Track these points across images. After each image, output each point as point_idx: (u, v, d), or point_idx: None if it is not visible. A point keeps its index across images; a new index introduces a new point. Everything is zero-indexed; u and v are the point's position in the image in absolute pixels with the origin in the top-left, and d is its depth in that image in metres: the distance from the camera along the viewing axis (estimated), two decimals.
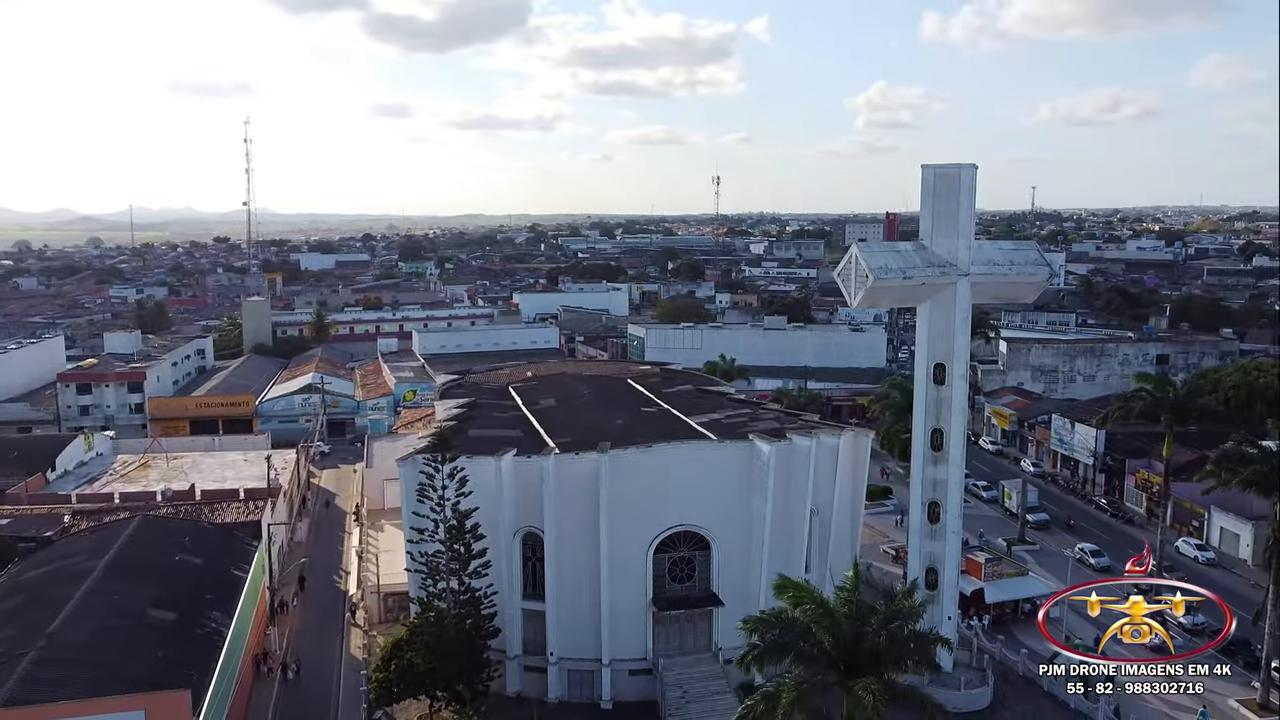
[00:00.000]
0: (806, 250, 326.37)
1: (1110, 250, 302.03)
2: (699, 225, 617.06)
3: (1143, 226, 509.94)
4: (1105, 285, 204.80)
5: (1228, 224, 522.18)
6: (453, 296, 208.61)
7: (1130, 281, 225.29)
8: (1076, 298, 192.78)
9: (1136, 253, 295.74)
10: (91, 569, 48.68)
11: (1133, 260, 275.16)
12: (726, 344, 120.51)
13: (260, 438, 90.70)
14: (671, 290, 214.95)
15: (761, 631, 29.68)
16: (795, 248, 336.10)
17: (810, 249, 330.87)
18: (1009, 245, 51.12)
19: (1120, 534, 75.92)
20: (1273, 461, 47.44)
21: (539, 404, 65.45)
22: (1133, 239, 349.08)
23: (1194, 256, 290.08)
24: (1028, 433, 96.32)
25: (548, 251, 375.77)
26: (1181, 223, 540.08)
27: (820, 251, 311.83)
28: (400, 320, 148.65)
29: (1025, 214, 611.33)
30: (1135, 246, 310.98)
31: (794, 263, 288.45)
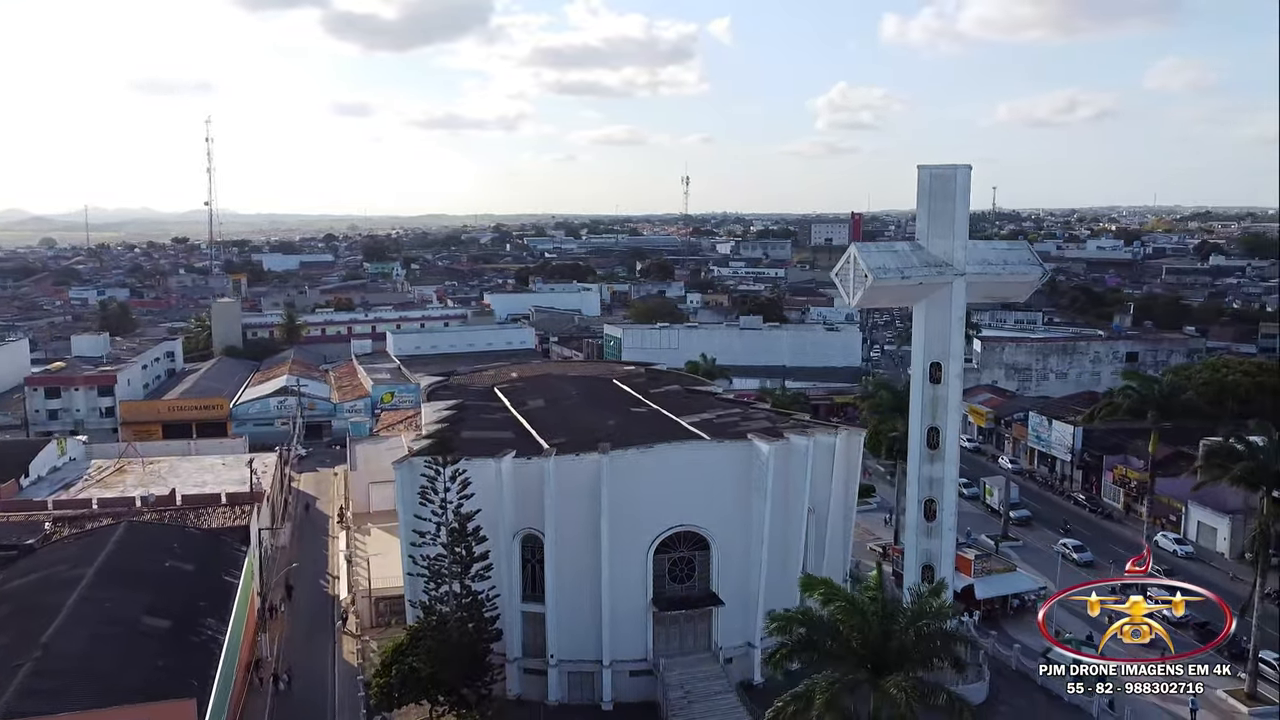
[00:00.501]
0: (773, 250, 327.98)
1: (1071, 250, 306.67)
2: (663, 225, 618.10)
3: (1100, 226, 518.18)
4: (1069, 284, 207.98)
5: (1181, 224, 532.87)
6: (421, 297, 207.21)
7: (1092, 280, 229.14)
8: (1042, 296, 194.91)
9: (1096, 252, 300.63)
10: (81, 576, 47.70)
11: (1093, 260, 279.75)
12: (703, 344, 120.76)
13: (237, 441, 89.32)
14: (641, 290, 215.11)
15: (790, 630, 29.78)
16: (761, 248, 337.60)
17: (776, 249, 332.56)
18: (1002, 245, 51.87)
19: (1100, 529, 77.17)
20: (1260, 457, 48.41)
21: (527, 405, 65.17)
22: (1092, 239, 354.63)
23: (1152, 256, 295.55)
24: (1004, 430, 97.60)
25: (514, 252, 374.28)
26: (1137, 222, 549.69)
27: (787, 252, 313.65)
28: (373, 321, 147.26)
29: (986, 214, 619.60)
30: (1095, 246, 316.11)
31: (761, 263, 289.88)
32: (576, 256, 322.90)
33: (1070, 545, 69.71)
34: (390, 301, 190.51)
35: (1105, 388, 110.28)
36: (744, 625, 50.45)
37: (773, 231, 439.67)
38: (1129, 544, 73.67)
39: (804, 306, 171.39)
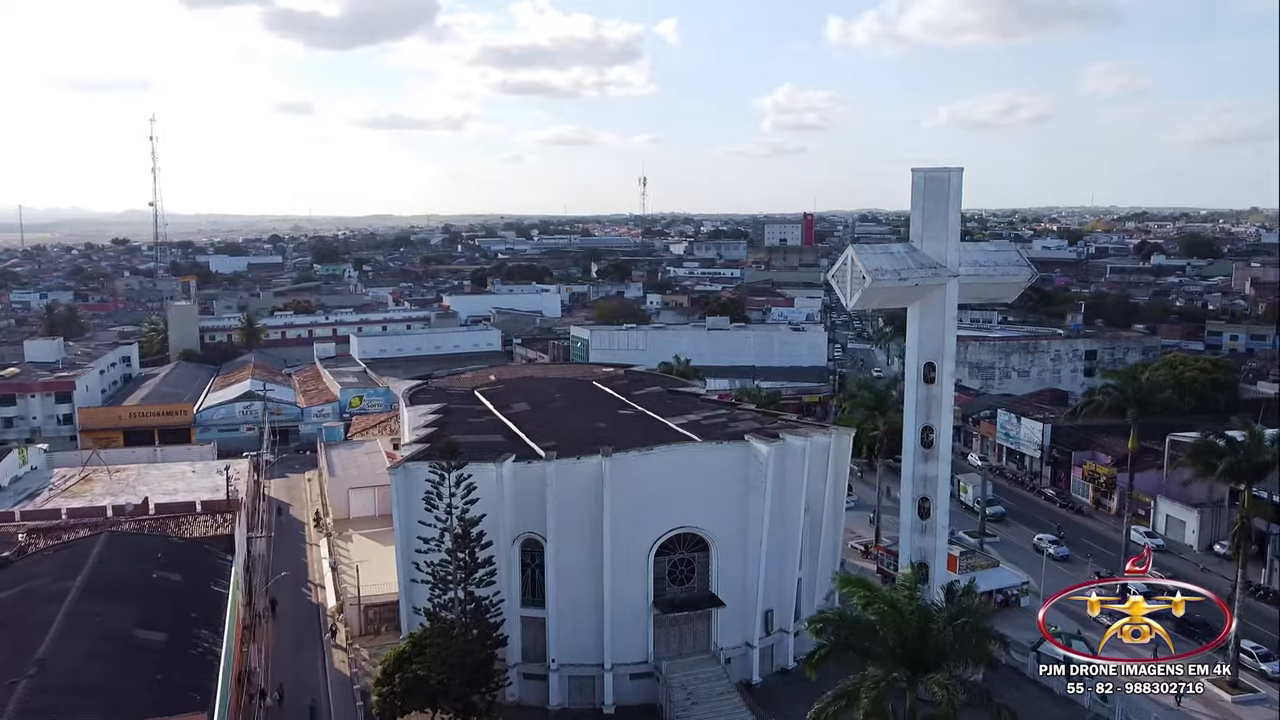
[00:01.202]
0: (726, 251, 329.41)
1: None
2: (614, 226, 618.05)
3: (1042, 226, 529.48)
4: None
5: (1119, 224, 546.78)
6: (376, 299, 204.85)
7: (1041, 280, 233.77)
8: None
9: (1042, 252, 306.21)
10: (66, 590, 46.31)
11: (1040, 259, 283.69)
12: (671, 345, 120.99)
13: (206, 448, 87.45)
14: (600, 291, 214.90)
15: (827, 631, 30.01)
16: (715, 248, 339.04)
17: (730, 249, 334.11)
18: (991, 247, 52.88)
19: (1071, 524, 78.86)
20: (1242, 453, 49.89)
21: (512, 408, 64.83)
22: (1036, 239, 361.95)
23: (1095, 256, 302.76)
24: (971, 428, 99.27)
25: (466, 253, 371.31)
26: (1076, 223, 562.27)
27: (742, 252, 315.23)
28: (334, 324, 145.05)
29: None
30: (1040, 246, 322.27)
31: (715, 263, 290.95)
32: (531, 257, 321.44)
33: (1047, 540, 71.13)
34: (345, 304, 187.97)
35: (1066, 385, 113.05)
36: (743, 626, 50.69)
37: (724, 232, 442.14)
38: (1100, 538, 75.63)
39: (764, 307, 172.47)
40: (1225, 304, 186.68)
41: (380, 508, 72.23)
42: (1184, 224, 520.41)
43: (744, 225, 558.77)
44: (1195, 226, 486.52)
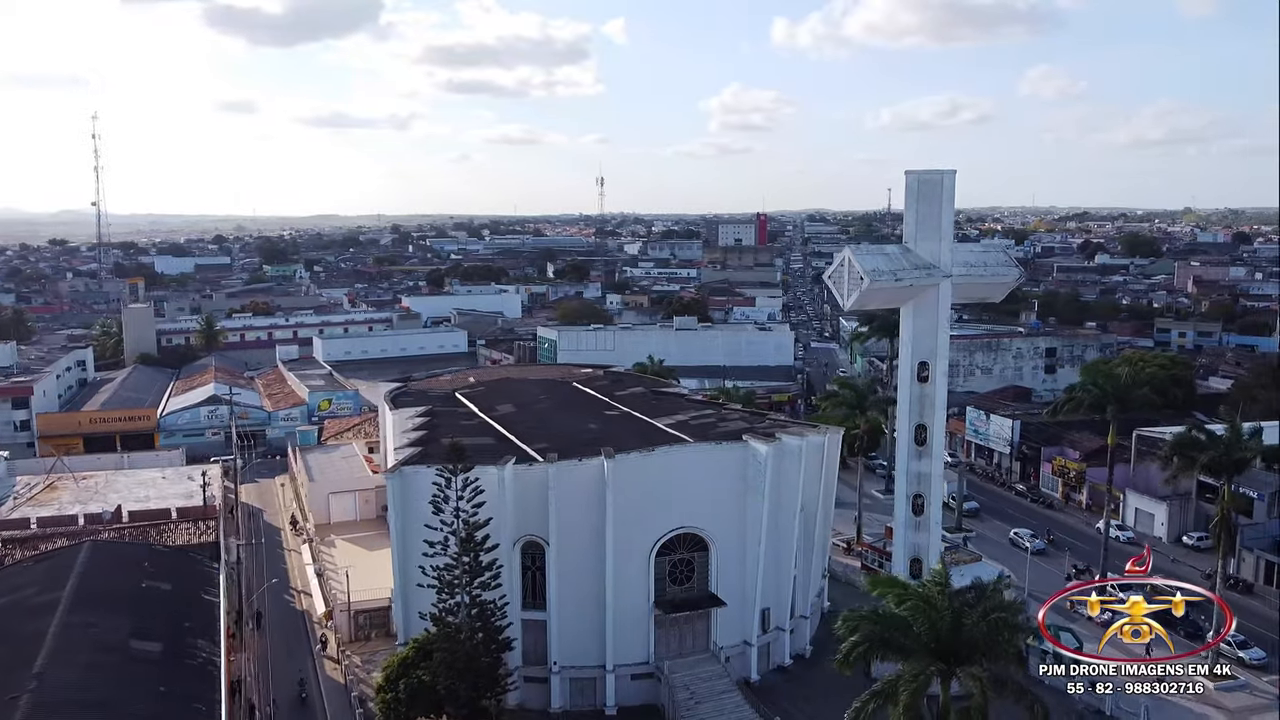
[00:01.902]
0: (680, 251, 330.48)
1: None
2: (565, 226, 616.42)
3: (986, 226, 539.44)
4: None
5: (1061, 224, 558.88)
6: (332, 301, 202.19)
7: None
8: None
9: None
10: (55, 601, 45.21)
11: None
12: (639, 345, 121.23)
13: (174, 453, 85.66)
14: (559, 292, 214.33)
15: (863, 628, 30.37)
16: (669, 248, 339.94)
17: (684, 249, 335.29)
18: (979, 248, 53.82)
19: (1042, 518, 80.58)
20: (1223, 447, 51.41)
21: (497, 410, 64.50)
22: (983, 238, 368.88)
23: (1041, 255, 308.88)
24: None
25: (418, 253, 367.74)
26: (1019, 223, 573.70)
27: (697, 252, 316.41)
28: (294, 326, 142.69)
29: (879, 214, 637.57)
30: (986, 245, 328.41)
31: (670, 263, 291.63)
32: (484, 258, 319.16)
33: (1024, 534, 72.60)
34: (300, 305, 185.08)
35: (1028, 382, 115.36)
36: (741, 625, 51.03)
37: (676, 232, 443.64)
38: (1072, 531, 77.42)
39: (725, 307, 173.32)
40: (1170, 302, 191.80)
41: (361, 512, 71.63)
42: (1123, 224, 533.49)
43: (694, 225, 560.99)
44: (1134, 226, 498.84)
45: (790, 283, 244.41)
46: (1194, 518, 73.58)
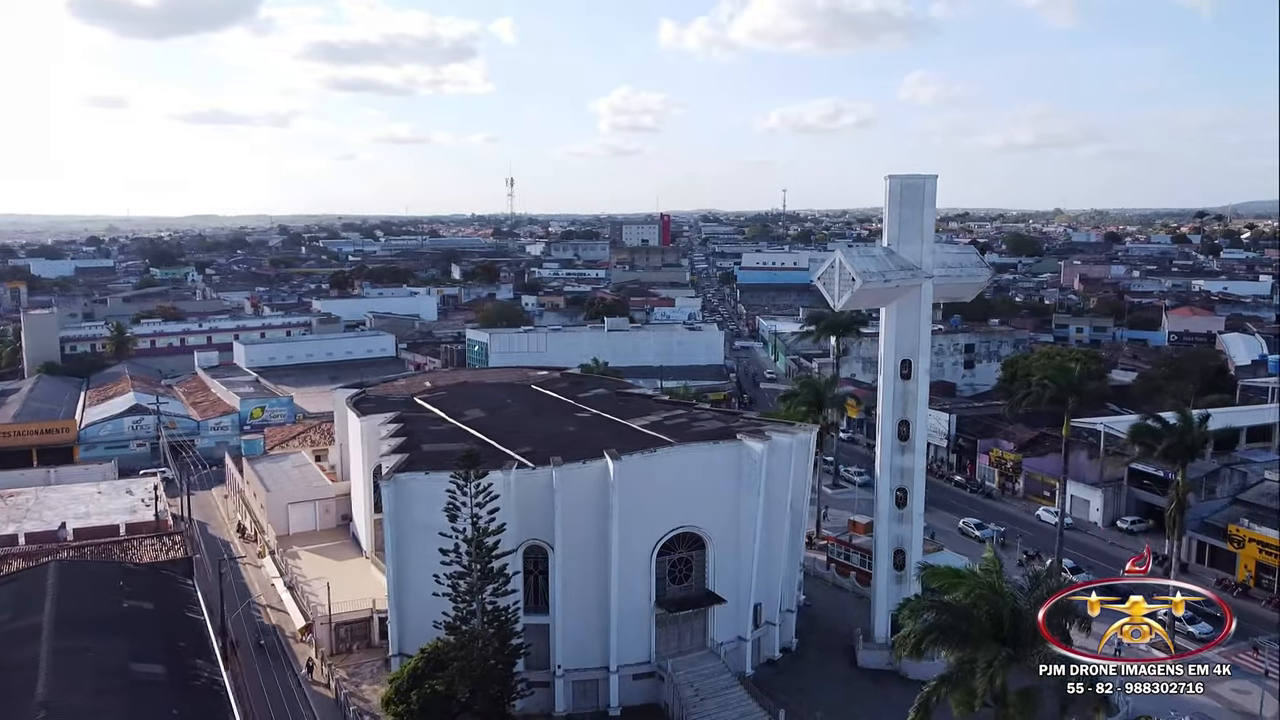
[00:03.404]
0: (584, 251, 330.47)
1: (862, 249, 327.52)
2: (458, 226, 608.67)
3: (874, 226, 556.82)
4: None
5: (943, 224, 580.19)
6: (234, 305, 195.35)
7: None
8: None
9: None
10: (36, 625, 43.02)
11: None
12: (572, 346, 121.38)
13: (105, 466, 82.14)
14: (471, 294, 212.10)
15: (923, 616, 31.48)
16: (573, 249, 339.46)
17: (587, 249, 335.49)
18: (954, 249, 55.83)
19: (981, 506, 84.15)
20: (1179, 434, 54.80)
21: (466, 415, 63.85)
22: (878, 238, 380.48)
23: None
24: (875, 420, 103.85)
25: (311, 254, 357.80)
26: None
27: (601, 252, 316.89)
28: (209, 332, 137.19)
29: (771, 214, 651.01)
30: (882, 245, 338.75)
31: (575, 263, 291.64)
32: (383, 259, 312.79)
33: (972, 523, 75.77)
34: (206, 310, 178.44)
35: (950, 378, 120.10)
36: (736, 620, 51.92)
37: (576, 233, 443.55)
38: (1011, 518, 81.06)
39: (644, 307, 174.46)
40: (1061, 299, 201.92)
41: (321, 522, 69.87)
42: (1001, 224, 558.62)
43: (590, 225, 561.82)
44: (1011, 226, 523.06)
45: (699, 283, 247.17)
46: (1126, 503, 77.95)
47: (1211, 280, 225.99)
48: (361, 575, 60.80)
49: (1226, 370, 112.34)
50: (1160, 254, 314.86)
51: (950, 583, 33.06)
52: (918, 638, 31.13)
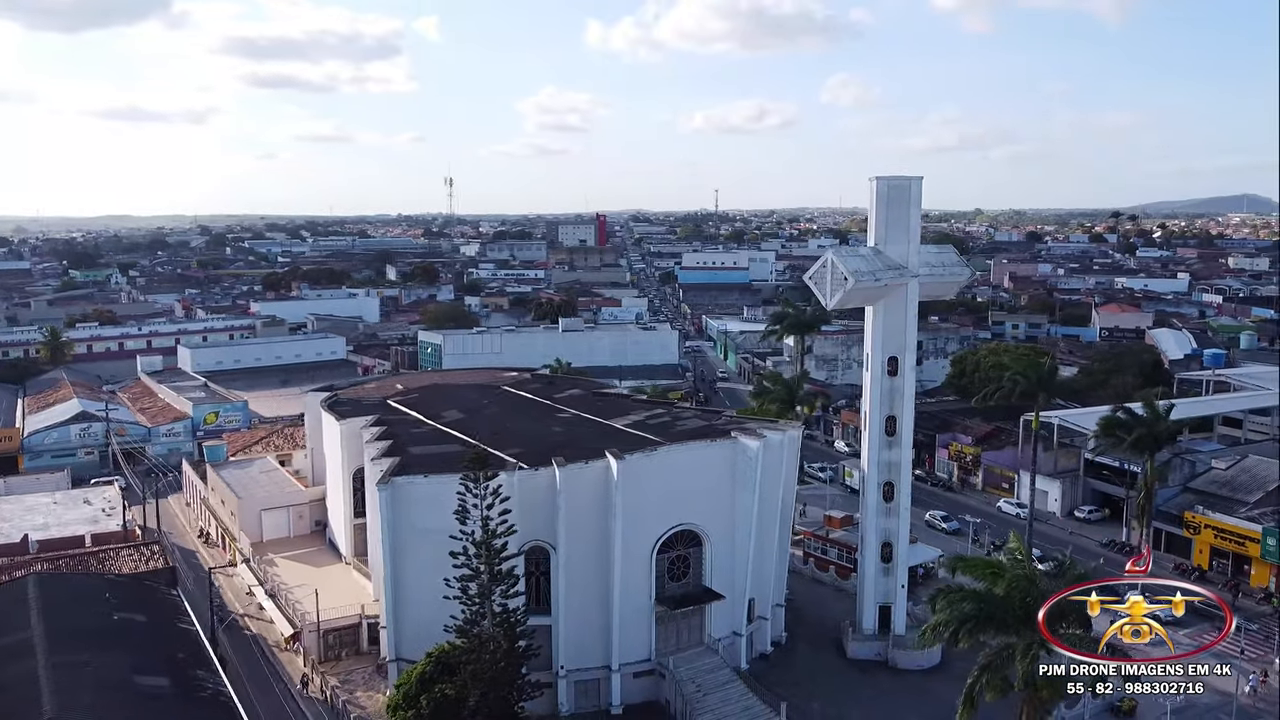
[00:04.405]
0: (520, 251, 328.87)
1: (797, 249, 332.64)
2: (385, 226, 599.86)
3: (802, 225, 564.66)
4: None
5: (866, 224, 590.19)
6: (164, 307, 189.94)
7: None
8: (798, 292, 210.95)
9: (818, 250, 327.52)
10: (28, 640, 41.65)
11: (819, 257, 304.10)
12: (526, 347, 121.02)
13: (58, 476, 79.34)
14: (412, 295, 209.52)
15: (962, 606, 32.34)
16: (508, 249, 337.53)
17: (524, 249, 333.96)
18: (935, 249, 57.13)
19: (943, 499, 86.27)
20: (1149, 425, 57.13)
21: (445, 417, 63.37)
22: (807, 238, 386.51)
23: None
24: (832, 416, 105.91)
25: (237, 255, 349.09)
26: (831, 223, 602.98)
27: (537, 252, 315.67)
28: (148, 336, 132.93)
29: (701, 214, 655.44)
30: (816, 245, 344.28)
31: (511, 264, 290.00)
32: (313, 260, 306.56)
33: (939, 516, 77.71)
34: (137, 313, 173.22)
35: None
36: (731, 616, 52.56)
37: (508, 233, 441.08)
38: (973, 510, 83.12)
39: (590, 307, 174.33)
40: (993, 296, 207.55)
41: (295, 528, 68.60)
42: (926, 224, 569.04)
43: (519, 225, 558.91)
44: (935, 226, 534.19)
45: (638, 283, 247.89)
46: (1083, 493, 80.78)
47: (1131, 278, 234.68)
48: (343, 581, 59.92)
49: (1162, 364, 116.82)
50: (1081, 252, 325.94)
51: (987, 575, 33.99)
52: (957, 626, 32.07)
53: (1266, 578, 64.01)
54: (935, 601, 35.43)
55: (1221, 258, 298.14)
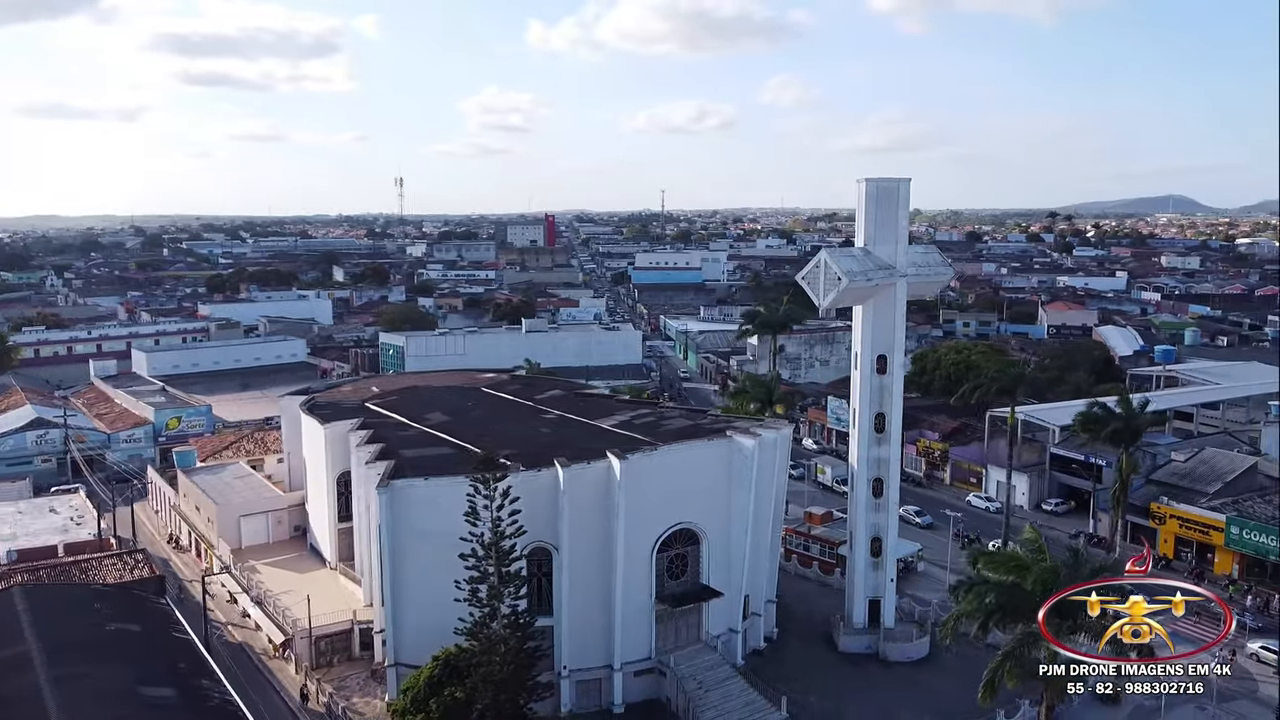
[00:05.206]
0: (468, 252, 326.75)
1: (744, 248, 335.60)
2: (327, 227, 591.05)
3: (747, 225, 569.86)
4: (770, 280, 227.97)
5: (813, 224, 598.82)
6: (107, 310, 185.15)
7: (775, 276, 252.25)
8: (749, 292, 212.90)
9: (767, 250, 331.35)
10: (24, 654, 40.64)
11: (768, 257, 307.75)
12: (491, 348, 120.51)
13: (19, 485, 77.09)
14: (363, 296, 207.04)
15: (988, 597, 33.17)
16: (455, 249, 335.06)
17: (471, 250, 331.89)
18: (920, 249, 58.31)
19: (913, 494, 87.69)
20: (1123, 420, 58.97)
21: (429, 419, 63.02)
22: (753, 238, 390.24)
23: (810, 253, 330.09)
24: (799, 415, 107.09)
25: (177, 257, 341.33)
26: (775, 223, 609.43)
27: (485, 253, 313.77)
28: (98, 340, 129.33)
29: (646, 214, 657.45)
30: (764, 245, 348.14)
31: (459, 264, 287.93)
32: (255, 261, 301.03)
33: (912, 510, 79.14)
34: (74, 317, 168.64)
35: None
36: (728, 613, 53.07)
37: (454, 233, 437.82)
38: (943, 505, 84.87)
39: (546, 307, 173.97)
40: (942, 295, 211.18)
41: (274, 534, 67.58)
42: None
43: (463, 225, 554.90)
44: None
45: (590, 283, 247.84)
46: (1049, 486, 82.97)
47: (1071, 276, 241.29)
48: (330, 587, 59.23)
49: (1113, 361, 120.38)
50: (1021, 252, 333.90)
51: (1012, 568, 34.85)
52: (986, 616, 32.95)
53: (1230, 565, 66.45)
54: (957, 593, 36.32)
55: (1154, 256, 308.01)
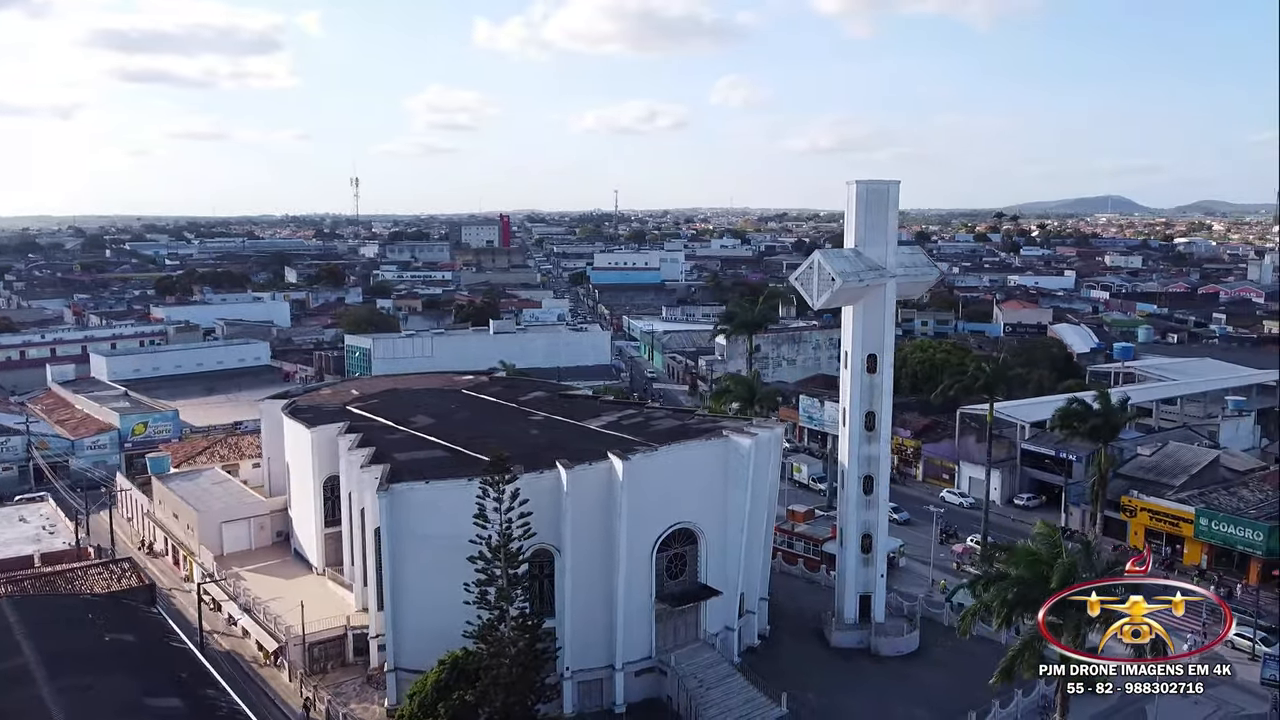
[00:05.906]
0: (422, 252, 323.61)
1: (700, 248, 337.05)
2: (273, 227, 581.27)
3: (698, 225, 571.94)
4: (728, 279, 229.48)
5: (764, 224, 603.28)
6: (54, 313, 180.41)
7: (732, 275, 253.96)
8: (707, 291, 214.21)
9: (721, 250, 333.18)
10: (23, 666, 39.72)
11: (724, 257, 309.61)
12: (459, 350, 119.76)
13: None
14: (320, 298, 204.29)
15: (1010, 591, 33.89)
16: (409, 250, 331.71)
17: (425, 250, 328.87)
18: (907, 251, 59.19)
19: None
20: (1104, 415, 60.55)
21: (415, 422, 62.70)
22: (707, 238, 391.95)
23: (766, 254, 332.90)
24: (772, 413, 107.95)
25: (121, 258, 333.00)
26: (726, 223, 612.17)
27: (443, 254, 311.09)
28: (52, 344, 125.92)
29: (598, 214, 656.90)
30: (719, 245, 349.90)
31: (413, 265, 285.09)
32: (201, 262, 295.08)
33: (890, 507, 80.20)
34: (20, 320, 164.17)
35: (829, 371, 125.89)
36: (725, 611, 53.54)
37: (405, 233, 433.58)
38: (919, 500, 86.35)
39: (508, 308, 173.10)
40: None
41: (257, 540, 66.59)
42: (817, 223, 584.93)
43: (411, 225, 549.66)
44: (827, 226, 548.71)
45: (548, 284, 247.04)
46: (1020, 482, 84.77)
47: (1021, 275, 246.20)
48: (319, 592, 58.57)
49: (1071, 358, 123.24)
50: (970, 251, 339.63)
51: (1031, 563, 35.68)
52: (1009, 609, 33.76)
53: (1199, 556, 68.56)
54: (975, 587, 37.10)
55: (1098, 256, 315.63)
